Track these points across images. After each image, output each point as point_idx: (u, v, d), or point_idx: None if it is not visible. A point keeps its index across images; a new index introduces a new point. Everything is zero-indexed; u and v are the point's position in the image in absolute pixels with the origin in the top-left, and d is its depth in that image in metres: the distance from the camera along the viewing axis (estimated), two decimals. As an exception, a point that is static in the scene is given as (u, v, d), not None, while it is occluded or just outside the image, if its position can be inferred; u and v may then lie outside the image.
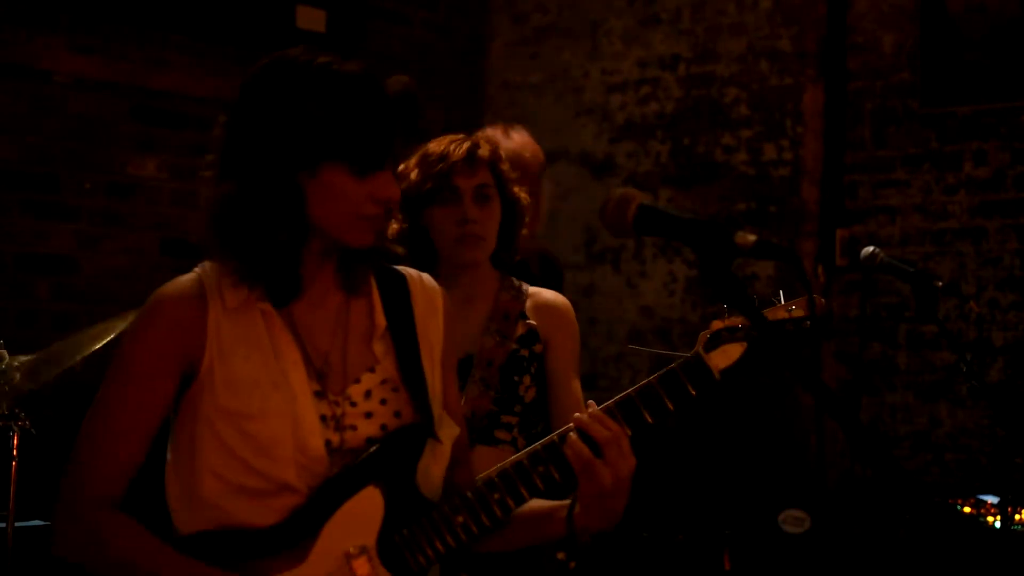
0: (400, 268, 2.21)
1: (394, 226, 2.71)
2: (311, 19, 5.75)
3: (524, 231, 3.01)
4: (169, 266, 5.21)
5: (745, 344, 2.06)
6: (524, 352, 2.86)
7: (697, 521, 4.59)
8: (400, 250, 2.36)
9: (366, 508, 2.03)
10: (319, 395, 2.03)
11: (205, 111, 5.34)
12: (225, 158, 2.03)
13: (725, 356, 2.07)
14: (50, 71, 4.97)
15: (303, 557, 2.00)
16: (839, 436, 5.17)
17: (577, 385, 2.92)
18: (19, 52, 4.89)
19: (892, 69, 5.29)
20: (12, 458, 3.26)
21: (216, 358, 2.00)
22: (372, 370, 2.09)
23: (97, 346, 3.30)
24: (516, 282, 2.97)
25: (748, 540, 4.55)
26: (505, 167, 2.94)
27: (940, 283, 3.36)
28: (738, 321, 2.07)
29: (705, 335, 2.10)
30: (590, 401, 2.11)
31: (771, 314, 2.60)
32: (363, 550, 2.02)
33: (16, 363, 3.27)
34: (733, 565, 4.50)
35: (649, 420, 2.06)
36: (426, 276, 2.23)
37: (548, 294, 2.98)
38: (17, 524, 3.32)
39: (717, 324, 2.09)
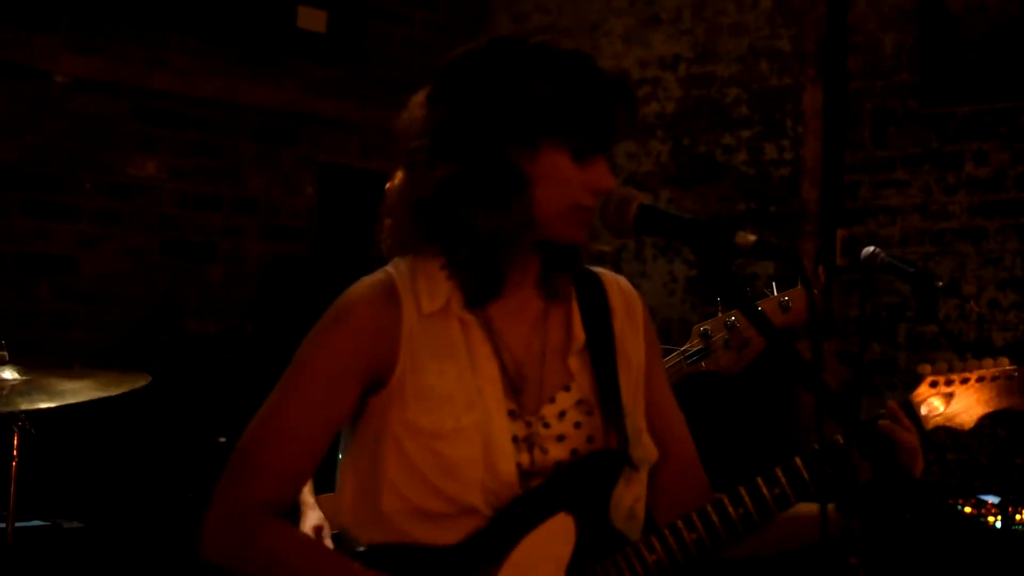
0: (595, 269, 2.07)
1: None
2: (311, 19, 5.75)
3: None
4: (169, 266, 5.23)
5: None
6: None
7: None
8: (608, 247, 2.16)
9: (556, 538, 1.87)
10: (513, 414, 1.89)
11: (205, 111, 5.35)
12: (437, 140, 1.85)
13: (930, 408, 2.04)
14: (50, 71, 4.98)
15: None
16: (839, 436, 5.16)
17: None
18: (19, 52, 4.89)
19: (892, 69, 5.28)
20: (12, 458, 3.26)
21: (409, 369, 1.85)
22: (567, 388, 1.94)
23: (88, 397, 3.26)
24: None
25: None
26: None
27: (940, 283, 3.36)
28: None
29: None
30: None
31: (765, 305, 2.61)
32: None
33: (10, 375, 3.26)
34: (733, 565, 4.49)
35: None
36: (622, 279, 2.10)
37: None
38: (17, 524, 3.32)
39: (925, 368, 2.02)
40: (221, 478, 1.86)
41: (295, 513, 2.61)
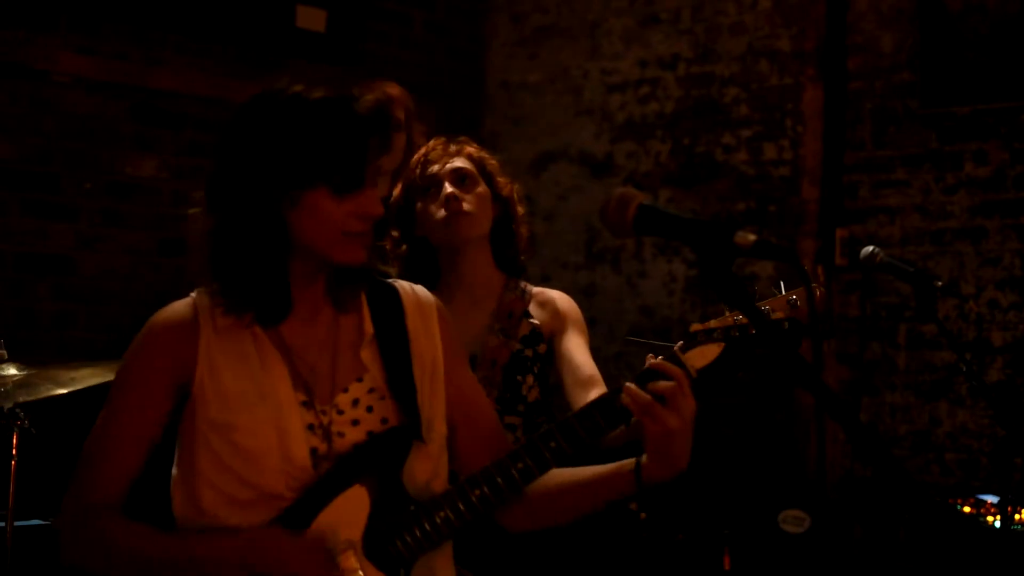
0: (392, 281, 2.29)
1: (393, 237, 2.83)
2: (311, 19, 5.75)
3: (524, 228, 3.01)
4: (169, 266, 5.22)
5: (723, 345, 2.10)
6: (528, 352, 2.87)
7: (697, 521, 4.59)
8: (392, 270, 2.48)
9: (351, 506, 2.10)
10: (306, 405, 2.11)
11: (205, 111, 5.35)
12: (209, 192, 2.11)
13: (702, 356, 2.09)
14: (50, 71, 4.97)
15: None
16: (839, 436, 5.17)
17: (589, 358, 2.93)
18: (19, 52, 4.89)
19: (892, 69, 5.28)
20: (12, 458, 3.26)
21: (207, 375, 2.10)
22: (360, 379, 2.16)
23: (95, 383, 3.27)
24: (520, 283, 2.97)
25: (748, 540, 4.55)
26: (488, 159, 2.94)
27: (940, 283, 3.36)
28: (716, 324, 2.09)
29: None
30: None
31: (773, 303, 2.61)
32: (349, 544, 2.06)
33: (12, 371, 3.26)
34: (733, 565, 4.50)
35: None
36: (419, 288, 2.29)
37: (550, 292, 2.99)
38: (16, 523, 3.32)
39: (696, 327, 2.12)
40: (68, 487, 2.16)
41: None
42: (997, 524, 3.76)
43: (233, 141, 2.09)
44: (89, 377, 3.28)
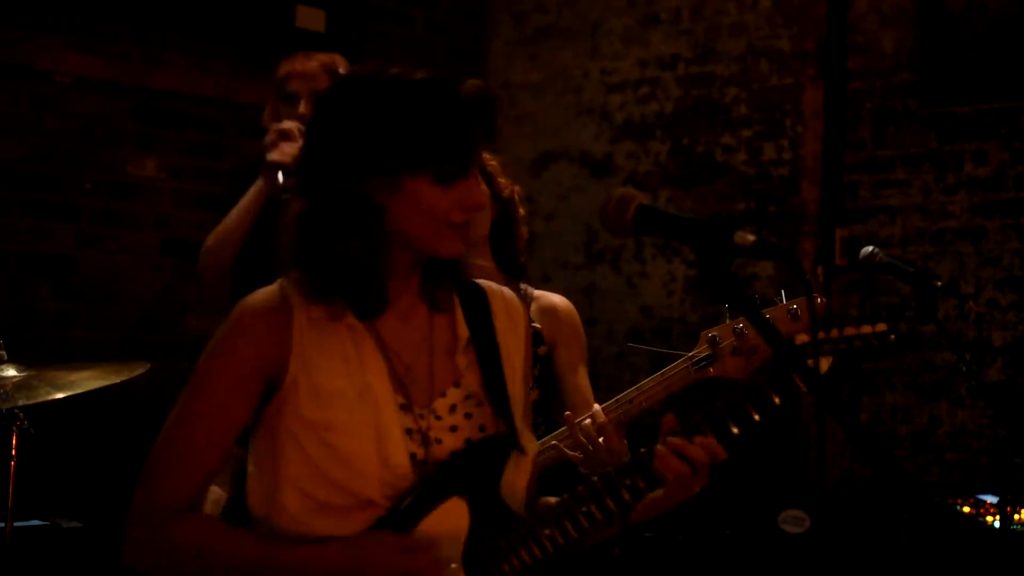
0: (479, 281, 2.18)
1: None
2: (311, 19, 5.75)
3: (524, 231, 3.01)
4: (169, 266, 5.23)
5: (832, 358, 2.09)
6: None
7: (697, 521, 4.59)
8: (487, 263, 2.36)
9: (451, 520, 1.99)
10: (404, 408, 1.99)
11: (205, 111, 5.35)
12: (302, 174, 2.00)
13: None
14: (50, 71, 4.98)
15: None
16: (839, 436, 5.17)
17: (586, 379, 2.94)
18: (19, 52, 4.89)
19: (892, 69, 5.28)
20: (11, 458, 3.26)
21: (301, 370, 1.96)
22: (457, 384, 2.06)
23: (95, 386, 3.26)
24: (521, 286, 2.97)
25: (748, 540, 4.55)
26: (488, 160, 2.93)
27: (940, 283, 3.36)
28: (834, 333, 2.10)
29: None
30: (597, 406, 2.09)
31: (774, 312, 2.61)
32: (448, 562, 1.96)
33: (11, 372, 3.26)
34: (733, 565, 4.50)
35: (735, 432, 2.07)
36: (507, 290, 2.21)
37: (552, 297, 2.99)
38: (16, 524, 3.32)
39: (802, 338, 2.11)
40: (137, 484, 1.99)
41: None
42: (997, 524, 3.76)
43: (328, 121, 1.97)
44: (90, 380, 3.27)
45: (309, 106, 3.39)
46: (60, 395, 3.18)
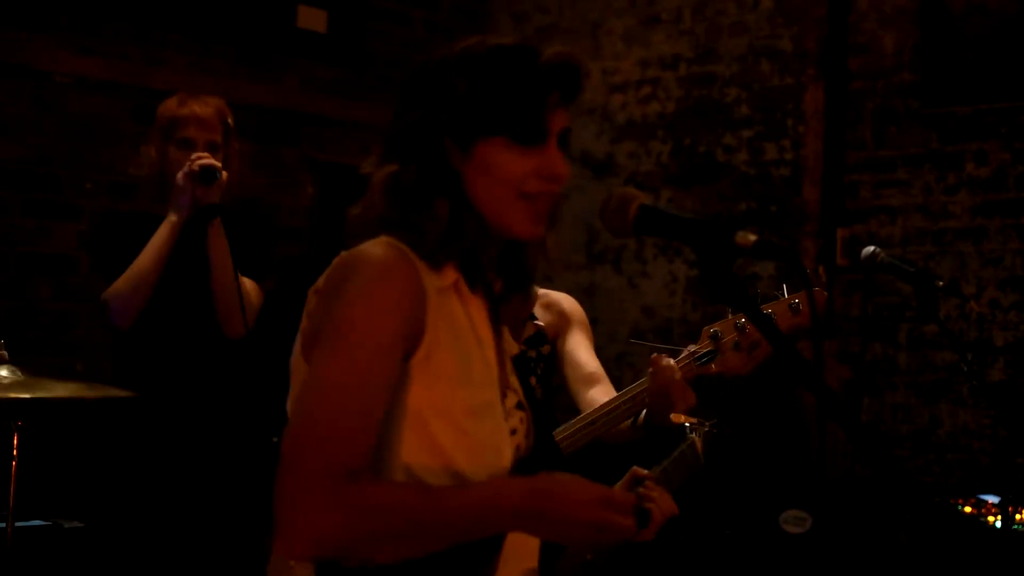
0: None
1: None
2: (312, 19, 5.75)
3: None
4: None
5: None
6: (531, 353, 2.88)
7: (697, 521, 4.59)
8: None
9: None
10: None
11: (206, 111, 5.34)
12: (386, 143, 1.90)
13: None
14: (51, 71, 4.98)
15: (492, 572, 1.82)
16: (840, 436, 5.16)
17: (595, 358, 2.95)
18: (19, 52, 4.89)
19: (893, 69, 5.28)
20: (12, 458, 3.26)
21: (433, 343, 1.76)
22: (512, 387, 1.94)
23: (88, 395, 3.26)
24: None
25: (749, 540, 4.55)
26: None
27: (941, 283, 3.36)
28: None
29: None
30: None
31: (775, 307, 2.61)
32: (532, 572, 1.86)
33: (9, 371, 3.26)
34: (733, 565, 4.50)
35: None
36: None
37: (556, 294, 3.01)
38: (17, 524, 3.32)
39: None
40: (289, 467, 1.67)
41: None
42: (998, 524, 3.76)
43: (408, 93, 1.89)
44: (85, 390, 3.27)
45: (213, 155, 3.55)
46: (62, 394, 3.18)
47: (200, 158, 3.49)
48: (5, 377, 3.22)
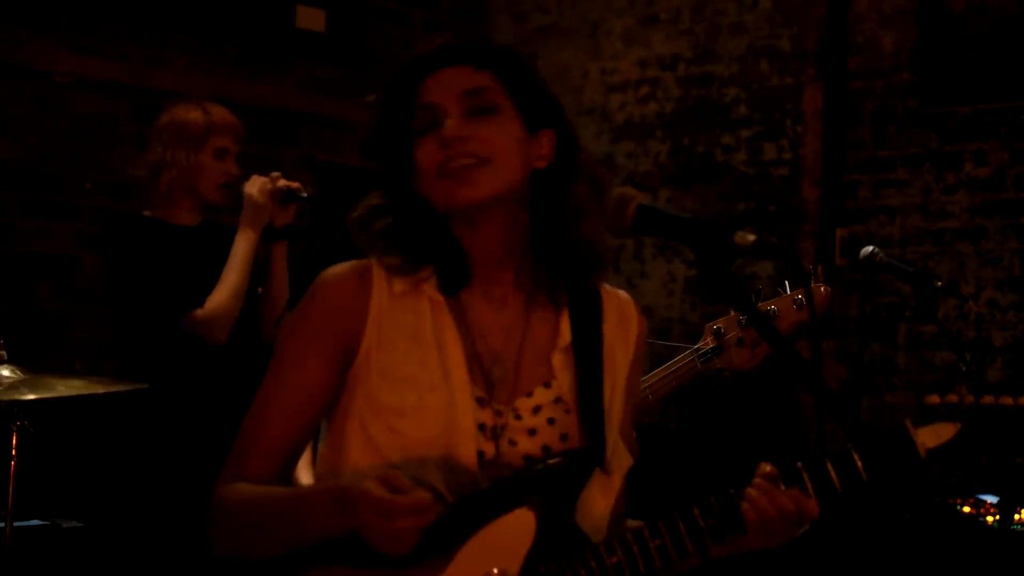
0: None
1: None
2: (311, 19, 5.75)
3: None
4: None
5: (959, 425, 2.00)
6: None
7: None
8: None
9: (515, 531, 1.85)
10: (481, 401, 1.89)
11: (205, 111, 5.34)
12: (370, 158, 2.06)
13: (935, 435, 2.01)
14: (50, 71, 4.98)
15: (441, 568, 1.82)
16: (839, 436, 5.16)
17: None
18: (19, 52, 4.89)
19: (892, 69, 5.29)
20: (11, 458, 3.26)
21: (375, 347, 1.88)
22: (547, 385, 1.94)
23: (88, 392, 3.26)
24: None
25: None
26: None
27: (940, 283, 3.36)
28: (955, 398, 1.98)
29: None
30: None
31: (779, 303, 2.61)
32: (504, 574, 1.83)
33: (9, 371, 3.26)
34: (734, 564, 4.49)
35: (838, 488, 1.98)
36: (623, 293, 2.11)
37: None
38: (16, 524, 3.32)
39: (933, 399, 2.05)
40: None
41: None
42: (997, 524, 3.77)
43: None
44: (90, 387, 3.27)
45: (236, 166, 3.62)
46: (61, 393, 3.18)
47: (281, 178, 3.60)
48: (7, 377, 3.22)
